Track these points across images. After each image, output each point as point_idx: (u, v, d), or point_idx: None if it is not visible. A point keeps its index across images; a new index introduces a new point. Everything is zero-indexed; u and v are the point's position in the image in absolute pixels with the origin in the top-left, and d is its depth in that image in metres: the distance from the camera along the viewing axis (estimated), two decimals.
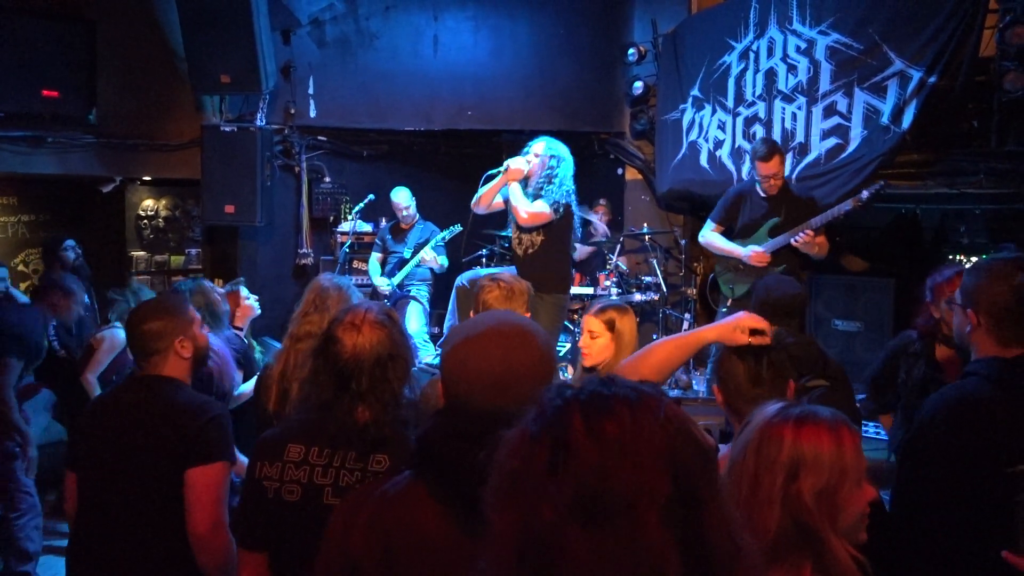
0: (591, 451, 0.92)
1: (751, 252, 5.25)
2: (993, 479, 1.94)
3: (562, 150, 5.01)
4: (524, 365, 1.47)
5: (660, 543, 0.89)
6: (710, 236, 5.55)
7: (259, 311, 4.63)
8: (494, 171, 5.04)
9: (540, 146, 5.02)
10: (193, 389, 2.60)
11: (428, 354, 6.36)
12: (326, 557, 1.56)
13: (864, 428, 5.89)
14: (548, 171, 4.94)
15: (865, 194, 4.97)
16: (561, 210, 4.90)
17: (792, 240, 5.02)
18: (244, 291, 4.53)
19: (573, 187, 5.02)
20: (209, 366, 3.12)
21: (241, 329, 4.44)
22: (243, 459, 3.43)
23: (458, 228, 6.84)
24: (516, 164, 4.94)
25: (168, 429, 2.37)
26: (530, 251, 5.01)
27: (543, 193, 4.90)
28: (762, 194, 5.28)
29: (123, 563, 2.36)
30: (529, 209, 4.87)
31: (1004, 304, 2.06)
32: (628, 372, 2.09)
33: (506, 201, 5.09)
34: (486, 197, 5.09)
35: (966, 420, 2.01)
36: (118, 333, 4.88)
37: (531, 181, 4.98)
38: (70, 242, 6.01)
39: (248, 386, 4.23)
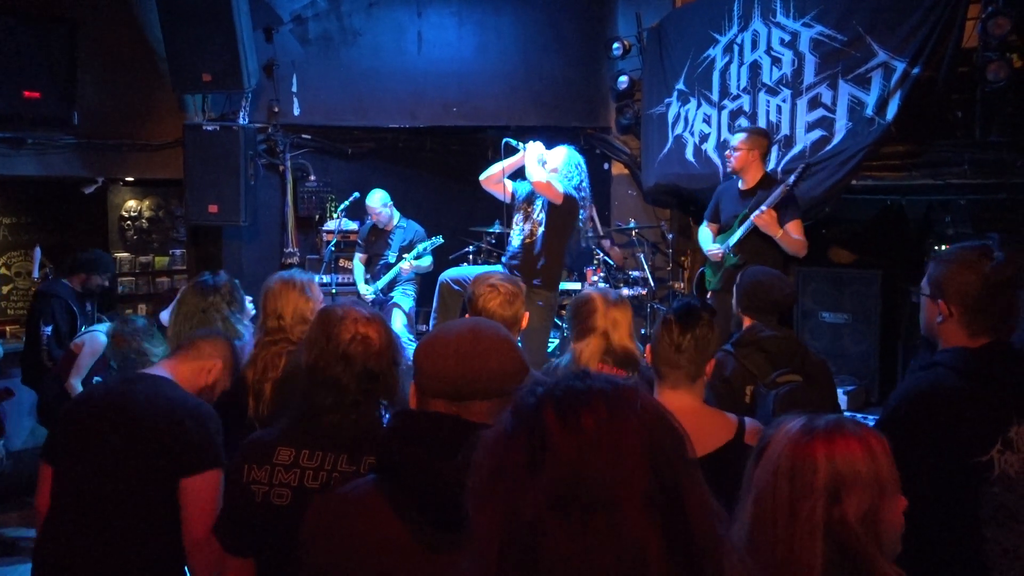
0: (568, 446, 0.91)
1: (708, 249, 5.31)
2: (959, 469, 1.94)
3: (580, 161, 5.13)
4: (487, 340, 1.49)
5: (642, 536, 0.89)
6: (700, 234, 5.59)
7: (253, 312, 4.61)
8: (513, 142, 5.11)
9: (560, 157, 5.07)
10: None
11: None
12: (300, 561, 1.55)
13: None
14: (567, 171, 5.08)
15: (792, 178, 4.95)
16: (574, 195, 5.01)
17: (753, 216, 4.93)
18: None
19: (589, 193, 5.18)
20: None
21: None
22: None
23: (439, 240, 6.82)
24: (534, 147, 5.04)
25: (160, 432, 2.31)
26: (527, 240, 5.08)
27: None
28: (740, 187, 5.27)
29: (98, 561, 2.31)
30: (544, 178, 4.91)
31: (975, 293, 2.03)
32: None
33: (513, 194, 5.21)
34: (495, 176, 5.20)
35: (932, 410, 2.00)
36: (98, 336, 4.92)
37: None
38: (109, 274, 5.94)
39: None
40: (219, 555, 2.23)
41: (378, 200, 6.90)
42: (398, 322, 6.76)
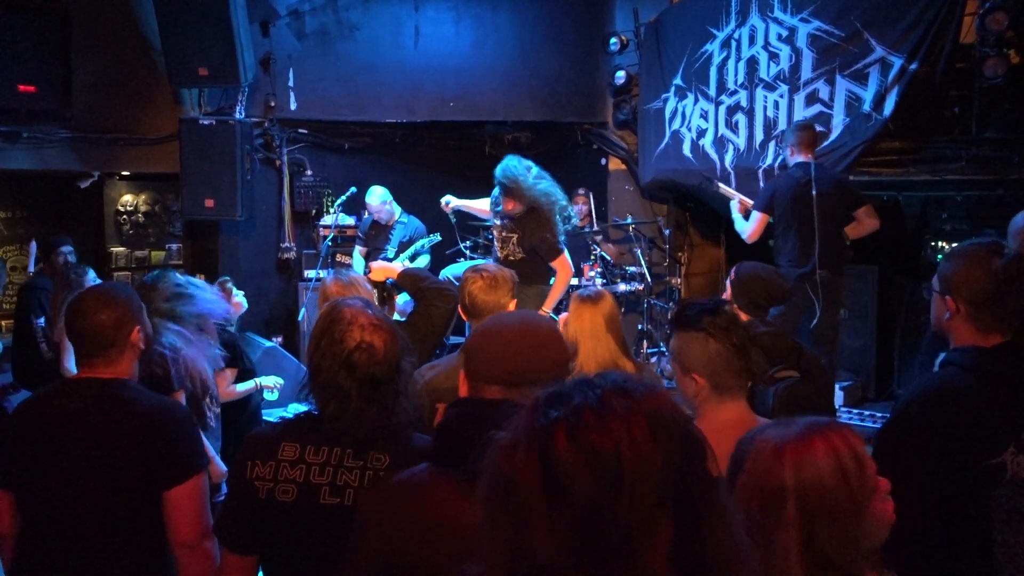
0: (584, 481, 0.86)
1: None
2: (970, 471, 1.93)
3: (546, 182, 5.08)
4: (540, 335, 1.59)
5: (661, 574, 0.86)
6: None
7: (247, 306, 4.60)
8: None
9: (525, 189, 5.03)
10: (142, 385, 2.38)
11: None
12: (359, 552, 1.55)
13: (848, 415, 5.93)
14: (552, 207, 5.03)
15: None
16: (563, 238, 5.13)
17: None
18: (232, 287, 4.50)
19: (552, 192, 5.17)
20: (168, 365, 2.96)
21: (231, 324, 4.39)
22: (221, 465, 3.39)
23: (437, 238, 6.78)
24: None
25: (134, 445, 2.17)
26: (511, 258, 5.15)
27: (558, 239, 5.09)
28: None
29: None
30: (568, 276, 5.13)
31: (982, 289, 2.02)
32: None
33: (495, 204, 5.27)
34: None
35: (944, 411, 1.98)
36: None
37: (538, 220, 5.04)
38: (68, 248, 5.89)
39: (246, 386, 4.21)
40: (212, 558, 2.21)
41: (377, 198, 6.84)
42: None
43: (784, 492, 1.34)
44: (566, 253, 5.11)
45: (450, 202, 5.61)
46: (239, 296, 4.49)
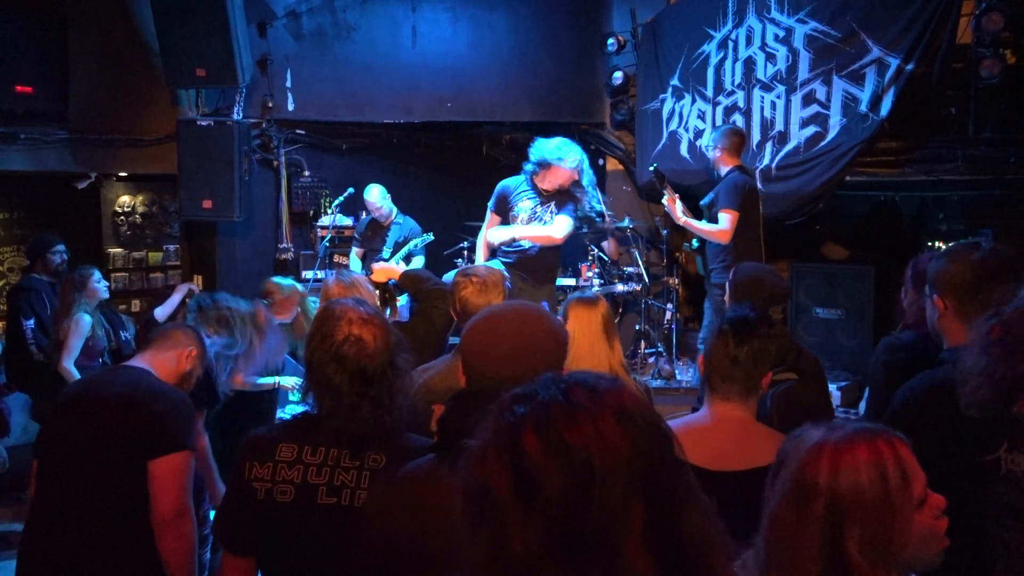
0: (556, 477, 0.87)
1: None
2: (964, 468, 1.93)
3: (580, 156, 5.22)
4: (535, 339, 1.60)
5: (640, 569, 0.87)
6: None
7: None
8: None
9: (566, 164, 5.15)
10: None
11: None
12: (365, 542, 1.59)
13: (845, 415, 5.94)
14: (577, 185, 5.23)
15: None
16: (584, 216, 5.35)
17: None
18: (310, 301, 4.76)
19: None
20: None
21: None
22: None
23: (430, 237, 6.78)
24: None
25: (128, 418, 2.36)
26: (526, 243, 5.14)
27: (573, 209, 5.24)
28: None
29: (74, 550, 2.34)
30: (556, 233, 5.16)
31: (963, 282, 2.07)
32: None
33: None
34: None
35: (937, 408, 2.00)
36: (83, 318, 5.03)
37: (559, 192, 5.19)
38: (60, 247, 5.91)
39: (266, 380, 4.35)
40: (190, 537, 2.34)
41: (376, 195, 6.86)
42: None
43: (816, 490, 1.32)
44: (571, 220, 5.24)
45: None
46: (311, 307, 4.71)
